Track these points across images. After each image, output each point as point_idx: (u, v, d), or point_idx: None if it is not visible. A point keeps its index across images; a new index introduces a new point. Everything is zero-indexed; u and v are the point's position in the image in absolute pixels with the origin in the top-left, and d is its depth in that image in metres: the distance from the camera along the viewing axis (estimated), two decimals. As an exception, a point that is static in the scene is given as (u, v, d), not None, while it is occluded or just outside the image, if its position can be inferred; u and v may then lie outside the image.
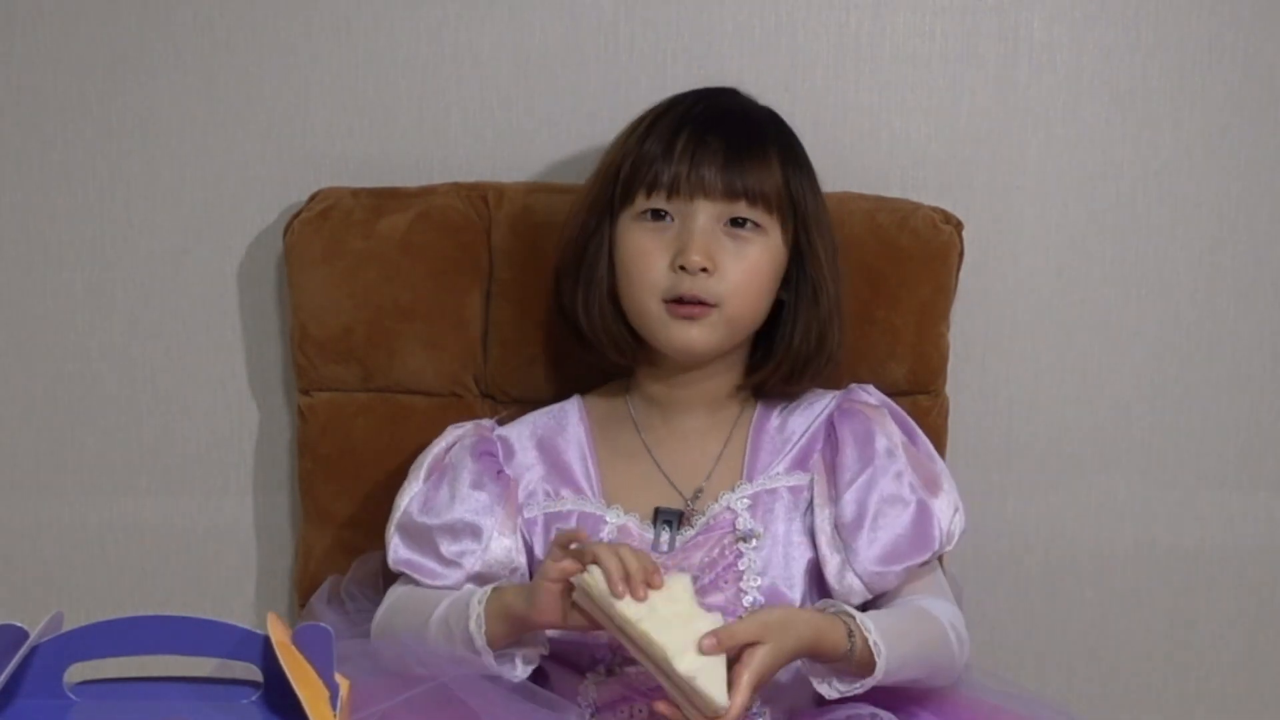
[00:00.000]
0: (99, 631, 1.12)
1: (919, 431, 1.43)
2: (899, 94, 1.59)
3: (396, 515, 1.39)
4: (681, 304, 1.34)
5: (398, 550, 1.38)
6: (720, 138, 1.35)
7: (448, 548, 1.36)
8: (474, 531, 1.36)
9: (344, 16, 1.58)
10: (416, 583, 1.38)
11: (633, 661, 1.33)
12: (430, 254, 1.53)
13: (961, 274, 1.54)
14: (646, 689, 1.34)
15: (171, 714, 1.12)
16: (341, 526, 1.55)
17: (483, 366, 1.54)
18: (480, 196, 1.53)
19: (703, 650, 1.17)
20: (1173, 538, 1.68)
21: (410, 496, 1.40)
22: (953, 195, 1.57)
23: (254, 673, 1.14)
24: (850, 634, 1.25)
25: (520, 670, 1.29)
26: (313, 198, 1.54)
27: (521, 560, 1.38)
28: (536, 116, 1.59)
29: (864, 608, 1.33)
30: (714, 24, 1.58)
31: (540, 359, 1.53)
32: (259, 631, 1.13)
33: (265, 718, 1.12)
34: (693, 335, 1.36)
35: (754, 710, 1.34)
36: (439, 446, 1.43)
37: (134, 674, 1.16)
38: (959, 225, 1.53)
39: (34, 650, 1.11)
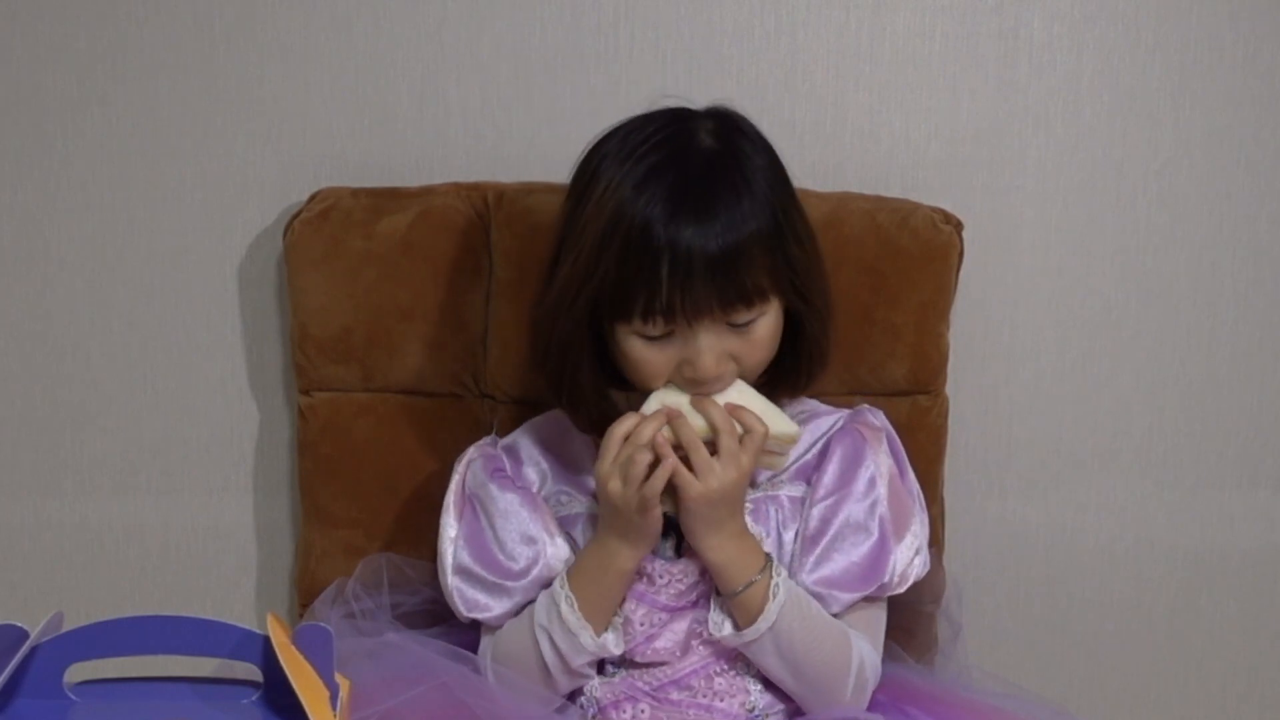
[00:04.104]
0: (99, 631, 1.12)
1: (909, 468, 1.43)
2: (899, 94, 1.59)
3: (448, 561, 1.38)
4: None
5: (464, 595, 1.37)
6: (703, 257, 1.24)
7: (511, 564, 1.36)
8: (529, 540, 1.37)
9: (344, 16, 1.58)
10: (495, 625, 1.37)
11: (635, 665, 1.34)
12: (430, 254, 1.53)
13: (961, 274, 1.54)
14: (650, 689, 1.34)
15: (171, 714, 1.13)
16: (341, 526, 1.56)
17: (483, 366, 1.54)
18: (480, 196, 1.53)
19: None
20: (1173, 538, 1.69)
21: (451, 540, 1.39)
22: (953, 195, 1.57)
23: (254, 673, 1.14)
24: (764, 569, 1.30)
25: (614, 646, 1.32)
26: (313, 198, 1.54)
27: (571, 554, 1.37)
28: (536, 116, 1.59)
29: None
30: (714, 24, 1.58)
31: (540, 359, 1.53)
32: (259, 631, 1.13)
33: (265, 718, 1.12)
34: None
35: (761, 710, 1.35)
36: (455, 481, 1.42)
37: (134, 674, 1.16)
38: (959, 225, 1.53)
39: (34, 650, 1.11)
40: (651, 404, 1.31)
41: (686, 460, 1.28)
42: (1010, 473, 1.67)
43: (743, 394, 1.32)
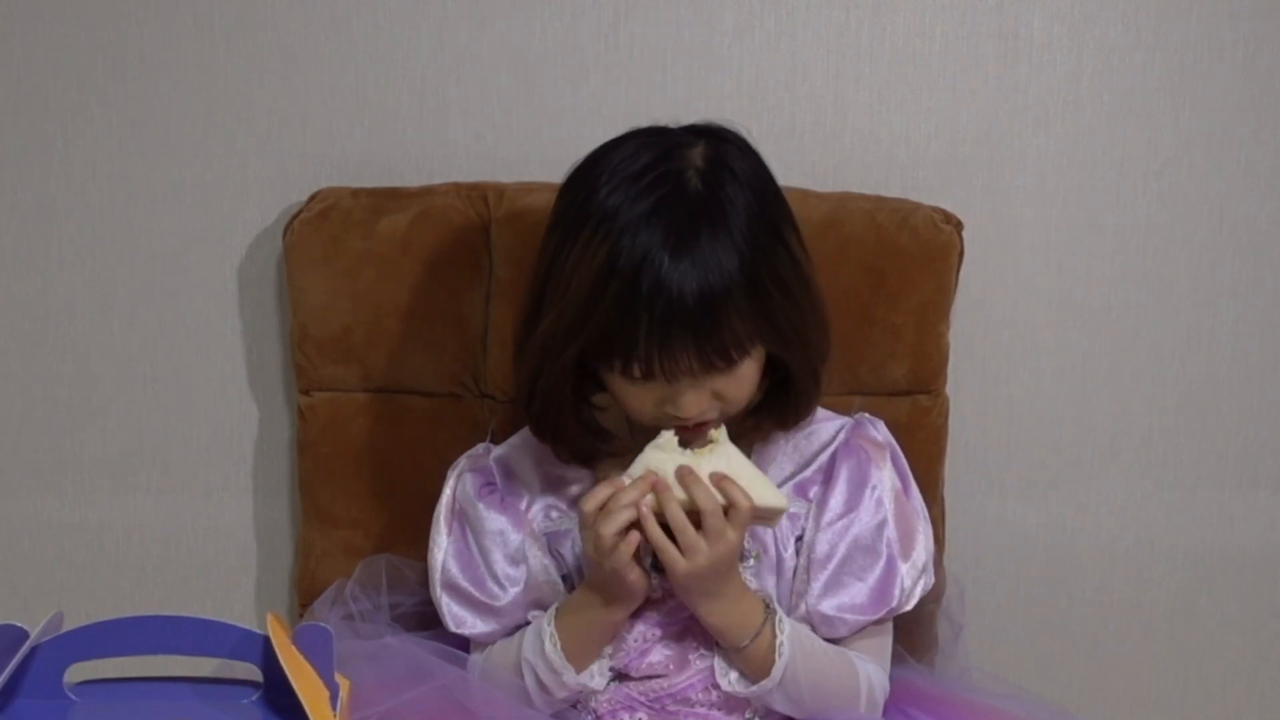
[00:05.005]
0: (99, 631, 1.12)
1: (913, 482, 1.42)
2: (899, 94, 1.59)
3: (436, 574, 1.39)
4: (685, 429, 1.31)
5: (452, 610, 1.38)
6: (685, 328, 1.23)
7: (495, 587, 1.37)
8: (514, 562, 1.37)
9: (344, 16, 1.58)
10: (483, 642, 1.38)
11: (630, 679, 1.33)
12: (430, 254, 1.53)
13: (961, 274, 1.54)
14: (647, 700, 1.34)
15: (171, 714, 1.13)
16: (341, 526, 1.56)
17: (482, 366, 1.54)
18: (480, 196, 1.53)
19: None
20: (1173, 538, 1.69)
21: (443, 552, 1.39)
22: (953, 195, 1.57)
23: (254, 673, 1.14)
24: (764, 622, 1.29)
25: (598, 680, 1.32)
26: (313, 198, 1.54)
27: (557, 575, 1.37)
28: (536, 116, 1.59)
29: None
30: (714, 24, 1.58)
31: (540, 359, 1.53)
32: (259, 631, 1.13)
33: (265, 718, 1.12)
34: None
35: (746, 717, 1.35)
36: (446, 494, 1.41)
37: (134, 674, 1.16)
38: (959, 225, 1.53)
39: (34, 650, 1.11)
40: (636, 469, 1.27)
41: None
42: (1010, 473, 1.67)
43: (730, 461, 1.28)
